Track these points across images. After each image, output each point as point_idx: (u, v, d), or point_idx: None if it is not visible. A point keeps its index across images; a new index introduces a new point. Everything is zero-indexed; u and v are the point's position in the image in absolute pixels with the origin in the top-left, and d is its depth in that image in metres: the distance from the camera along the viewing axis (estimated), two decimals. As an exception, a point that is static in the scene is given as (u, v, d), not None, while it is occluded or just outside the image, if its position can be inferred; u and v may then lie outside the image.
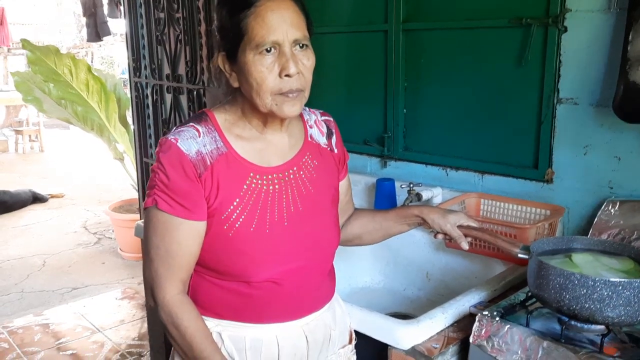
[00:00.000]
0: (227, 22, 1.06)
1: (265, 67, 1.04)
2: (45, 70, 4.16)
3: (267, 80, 1.05)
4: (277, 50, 1.04)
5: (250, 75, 1.05)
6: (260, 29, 1.02)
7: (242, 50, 1.05)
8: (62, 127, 10.23)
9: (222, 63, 1.10)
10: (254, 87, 1.06)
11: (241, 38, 1.04)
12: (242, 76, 1.07)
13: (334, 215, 1.25)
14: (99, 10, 5.78)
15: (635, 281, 1.09)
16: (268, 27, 1.02)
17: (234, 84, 1.10)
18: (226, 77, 1.12)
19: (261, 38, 1.03)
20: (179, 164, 1.06)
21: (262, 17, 1.03)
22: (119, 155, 4.65)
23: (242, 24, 1.03)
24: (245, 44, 1.04)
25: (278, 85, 1.05)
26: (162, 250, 1.09)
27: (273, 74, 1.05)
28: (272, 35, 1.03)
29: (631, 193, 1.61)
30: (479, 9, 1.87)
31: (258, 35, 1.03)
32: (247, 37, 1.04)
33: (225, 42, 1.08)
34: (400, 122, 2.16)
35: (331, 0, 2.34)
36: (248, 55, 1.04)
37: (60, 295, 3.87)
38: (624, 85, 1.48)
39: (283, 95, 1.06)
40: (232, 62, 1.08)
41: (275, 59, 1.04)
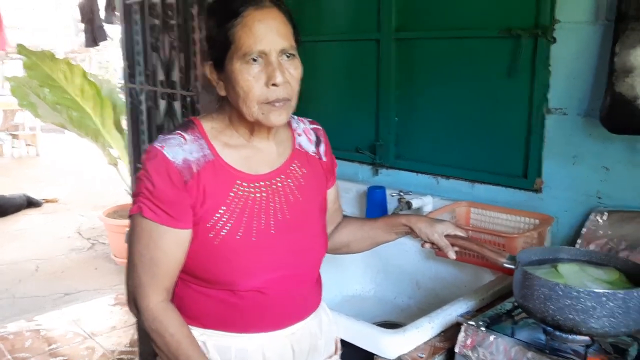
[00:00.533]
0: (215, 31, 1.07)
1: (252, 76, 1.05)
2: (40, 75, 4.15)
3: (253, 89, 1.05)
4: (263, 59, 1.05)
5: (237, 84, 1.06)
6: (247, 39, 1.03)
7: (229, 59, 1.06)
8: (58, 132, 10.20)
9: (210, 72, 1.11)
10: (240, 96, 1.07)
11: (228, 47, 1.05)
12: (229, 85, 1.08)
13: (321, 224, 1.25)
14: (96, 16, 5.80)
15: (619, 292, 1.10)
16: (255, 36, 1.03)
17: (222, 93, 1.11)
18: (214, 85, 1.12)
19: (248, 47, 1.04)
20: (164, 171, 1.06)
21: (249, 26, 1.03)
22: (113, 161, 4.64)
23: (229, 33, 1.04)
24: (232, 53, 1.05)
25: (265, 94, 1.06)
26: (146, 258, 1.09)
27: (260, 83, 1.05)
28: (258, 45, 1.04)
29: (619, 203, 1.61)
30: (470, 20, 1.88)
31: (245, 44, 1.04)
32: (234, 46, 1.04)
33: (213, 51, 1.09)
34: (392, 131, 2.17)
35: (325, 9, 2.35)
36: (235, 64, 1.05)
37: (52, 300, 3.85)
38: (610, 96, 1.49)
39: (269, 104, 1.07)
40: (220, 71, 1.09)
41: (262, 68, 1.05)
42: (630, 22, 1.45)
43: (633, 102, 1.46)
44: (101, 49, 10.56)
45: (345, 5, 2.28)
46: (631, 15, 1.45)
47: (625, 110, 1.47)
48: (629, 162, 1.58)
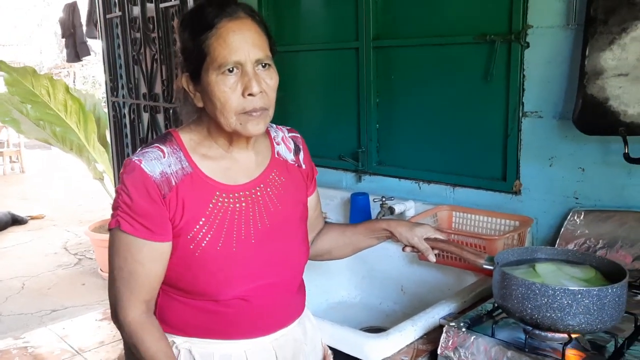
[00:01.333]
0: (190, 43, 1.08)
1: (229, 87, 1.06)
2: (22, 91, 4.14)
3: (230, 100, 1.06)
4: (239, 70, 1.06)
5: (213, 96, 1.07)
6: (222, 50, 1.04)
7: (205, 70, 1.07)
8: (43, 148, 10.14)
9: (187, 84, 1.12)
10: (217, 107, 1.08)
11: (204, 59, 1.06)
12: (205, 96, 1.09)
13: (302, 231, 1.26)
14: (77, 31, 5.79)
15: (593, 289, 1.12)
16: (230, 47, 1.05)
17: (199, 104, 1.12)
18: (191, 97, 1.13)
19: (223, 58, 1.05)
20: (142, 185, 1.06)
21: (223, 38, 1.05)
22: (98, 175, 4.62)
23: (204, 45, 1.05)
24: (208, 65, 1.06)
25: (242, 104, 1.07)
26: (124, 271, 1.09)
27: (236, 94, 1.06)
28: (234, 56, 1.05)
29: (595, 203, 1.65)
30: (446, 27, 1.92)
31: (220, 55, 1.05)
32: (210, 57, 1.05)
33: (189, 63, 1.09)
34: (374, 137, 2.20)
35: (304, 19, 2.38)
36: (211, 76, 1.06)
37: (39, 317, 3.82)
38: (582, 99, 1.53)
39: (247, 114, 1.08)
40: (196, 82, 1.10)
41: (238, 79, 1.06)
42: (598, 26, 1.49)
43: (604, 103, 1.50)
44: (85, 63, 10.54)
45: (324, 15, 2.31)
46: (599, 19, 1.49)
47: (597, 112, 1.50)
48: (603, 163, 1.61)
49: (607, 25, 1.48)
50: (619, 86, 1.48)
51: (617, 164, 1.57)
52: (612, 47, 1.48)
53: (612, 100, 1.49)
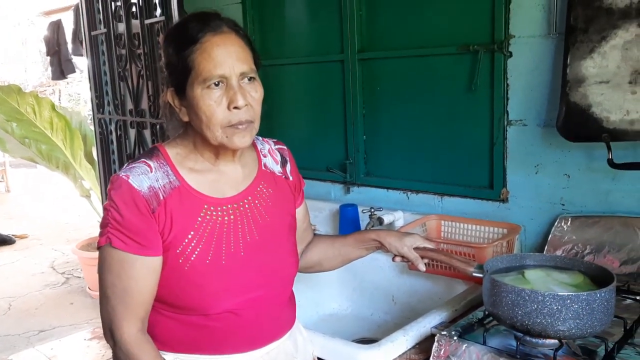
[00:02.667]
0: (174, 58, 1.08)
1: (214, 100, 1.06)
2: (7, 109, 4.11)
3: (216, 114, 1.07)
4: (224, 83, 1.07)
5: (199, 109, 1.07)
6: (207, 64, 1.05)
7: (190, 85, 1.07)
8: (29, 167, 10.04)
9: (172, 98, 1.12)
10: (203, 121, 1.08)
11: (188, 73, 1.07)
12: (191, 110, 1.09)
13: (291, 243, 1.26)
14: (62, 48, 5.78)
15: (582, 294, 1.13)
16: (214, 61, 1.05)
17: (184, 118, 1.12)
18: (176, 111, 1.13)
19: (208, 72, 1.05)
20: (131, 200, 1.06)
21: (208, 52, 1.05)
22: (85, 193, 4.59)
23: (188, 59, 1.06)
24: (193, 79, 1.07)
25: (227, 117, 1.08)
26: (119, 288, 1.08)
27: (222, 107, 1.07)
28: (218, 70, 1.05)
29: (581, 209, 1.66)
30: (430, 38, 1.94)
31: (205, 69, 1.05)
32: (195, 72, 1.06)
33: (173, 78, 1.10)
34: (361, 149, 2.21)
35: (289, 33, 2.39)
36: (196, 90, 1.07)
37: (26, 338, 3.76)
38: (565, 106, 1.55)
39: (233, 127, 1.09)
40: (181, 97, 1.10)
41: (223, 93, 1.07)
42: (579, 35, 1.52)
43: (587, 110, 1.52)
44: (70, 81, 10.50)
45: (309, 29, 2.33)
46: (580, 28, 1.52)
47: (580, 119, 1.53)
48: (588, 169, 1.63)
49: (587, 34, 1.51)
50: (601, 93, 1.50)
51: (601, 170, 1.59)
52: (592, 55, 1.51)
53: (595, 107, 1.51)
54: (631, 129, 1.47)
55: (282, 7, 2.41)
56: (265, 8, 2.47)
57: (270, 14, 2.45)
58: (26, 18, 11.23)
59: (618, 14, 1.46)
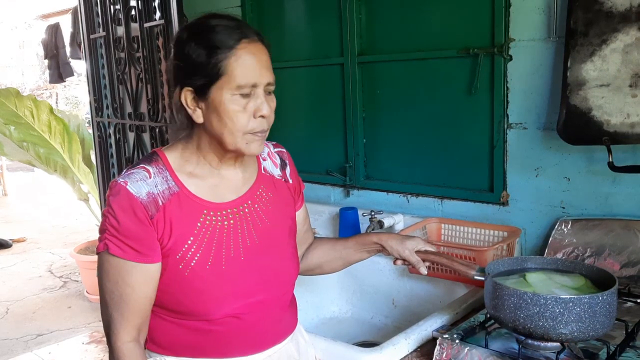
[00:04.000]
0: (204, 60, 1.05)
1: (242, 106, 1.07)
2: (5, 113, 4.10)
3: (241, 120, 1.07)
4: (252, 91, 1.07)
5: (225, 114, 1.07)
6: (242, 71, 1.05)
7: (218, 88, 1.06)
8: (26, 170, 10.02)
9: (186, 98, 1.09)
10: (227, 125, 1.07)
11: (218, 77, 1.05)
12: (212, 113, 1.08)
13: (292, 246, 1.26)
14: (61, 52, 5.77)
15: (584, 297, 1.13)
16: (249, 70, 1.06)
17: (198, 120, 1.10)
18: (186, 112, 1.11)
19: (243, 80, 1.05)
20: (129, 207, 1.05)
21: (243, 59, 1.05)
22: (83, 196, 4.57)
23: (220, 64, 1.04)
24: (223, 84, 1.05)
25: (250, 124, 1.08)
26: (116, 295, 1.08)
27: (247, 114, 1.08)
28: (252, 78, 1.06)
29: (582, 212, 1.66)
30: (430, 41, 1.94)
31: (239, 76, 1.05)
32: (227, 77, 1.05)
33: (197, 79, 1.07)
34: (361, 152, 2.21)
35: (289, 36, 2.40)
36: (225, 95, 1.06)
37: (24, 342, 3.74)
38: (566, 109, 1.55)
39: (253, 134, 1.10)
40: (202, 98, 1.08)
41: (250, 100, 1.07)
42: (579, 38, 1.52)
43: (587, 113, 1.52)
44: (68, 84, 10.49)
45: (309, 32, 2.33)
46: (580, 31, 1.53)
47: (580, 122, 1.53)
48: (588, 172, 1.63)
49: (587, 37, 1.51)
50: (601, 96, 1.50)
51: (601, 173, 1.60)
52: (592, 58, 1.51)
53: (595, 111, 1.51)
54: (631, 132, 1.48)
55: (282, 11, 2.42)
56: (265, 11, 2.47)
57: (270, 17, 2.45)
58: (24, 21, 11.23)
59: (618, 18, 1.46)
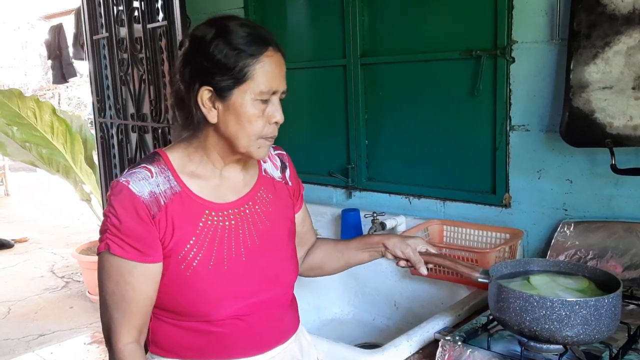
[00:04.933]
0: (231, 62, 1.06)
1: (260, 111, 1.09)
2: (8, 113, 4.11)
3: (258, 124, 1.09)
4: (270, 98, 1.10)
5: (245, 117, 1.08)
6: (266, 79, 1.07)
7: (240, 91, 1.07)
8: (28, 170, 10.04)
9: (202, 97, 1.08)
10: (245, 129, 1.09)
11: (244, 81, 1.06)
12: (231, 115, 1.08)
13: (291, 248, 1.26)
14: (64, 52, 5.78)
15: (590, 300, 1.13)
16: (273, 77, 1.08)
17: (212, 120, 1.09)
18: (197, 111, 1.09)
19: (266, 86, 1.07)
20: (131, 206, 1.05)
21: (269, 67, 1.08)
22: (85, 197, 4.58)
23: (247, 68, 1.06)
24: (246, 87, 1.07)
25: (264, 130, 1.11)
26: (117, 295, 1.08)
27: (263, 120, 1.10)
28: (274, 86, 1.09)
29: (584, 214, 1.66)
30: (432, 43, 1.94)
31: (263, 83, 1.07)
32: (251, 82, 1.06)
33: (221, 79, 1.07)
34: (363, 154, 2.21)
35: (292, 37, 2.40)
36: (246, 98, 1.07)
37: (26, 343, 3.74)
38: (569, 112, 1.55)
39: (265, 139, 1.12)
40: (220, 99, 1.08)
41: (267, 106, 1.10)
42: (582, 41, 1.52)
43: (590, 116, 1.52)
44: (70, 85, 10.50)
45: (312, 34, 2.34)
46: (583, 33, 1.53)
47: (583, 124, 1.53)
48: (590, 174, 1.63)
49: (591, 39, 1.51)
50: (604, 99, 1.50)
51: (604, 175, 1.60)
52: (596, 60, 1.51)
53: (598, 113, 1.51)
54: (634, 135, 1.47)
55: (284, 12, 2.42)
56: (267, 13, 2.48)
57: (273, 18, 2.46)
58: (26, 22, 11.25)
59: (621, 20, 1.46)
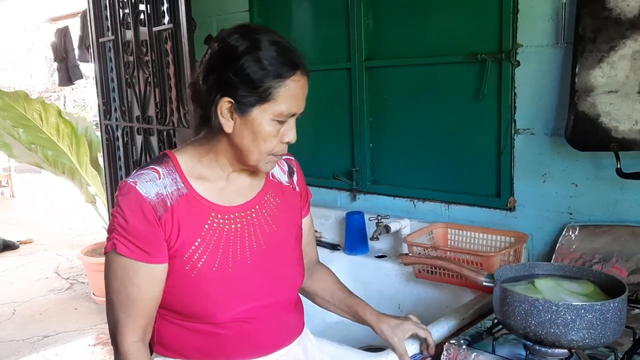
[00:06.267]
0: (258, 80, 1.05)
1: (276, 131, 1.10)
2: (14, 115, 4.13)
3: (271, 142, 1.10)
4: (287, 119, 1.10)
5: (260, 135, 1.09)
6: (289, 102, 1.07)
7: (261, 110, 1.07)
8: (33, 172, 10.07)
9: (222, 107, 1.08)
10: (258, 145, 1.09)
11: (266, 101, 1.06)
12: (247, 130, 1.08)
13: (298, 252, 1.27)
14: (70, 55, 5.80)
15: (596, 304, 1.13)
16: (295, 101, 1.08)
17: (227, 130, 1.09)
18: (217, 120, 1.08)
19: (287, 110, 1.08)
20: (138, 207, 1.06)
21: (293, 91, 1.07)
22: (90, 198, 4.60)
23: (272, 90, 1.06)
24: (268, 107, 1.07)
25: (276, 147, 1.12)
26: (122, 295, 1.09)
27: (277, 138, 1.11)
28: (294, 109, 1.10)
29: (589, 218, 1.66)
30: (437, 46, 1.95)
31: (285, 106, 1.07)
32: (274, 102, 1.06)
33: (244, 94, 1.06)
34: (367, 156, 2.21)
35: (296, 40, 2.37)
36: (265, 117, 1.07)
37: (30, 344, 3.75)
38: (574, 116, 1.55)
39: (275, 156, 1.13)
40: (240, 112, 1.08)
41: (282, 126, 1.10)
42: (587, 45, 1.53)
43: (595, 120, 1.52)
44: (76, 87, 10.54)
45: (316, 36, 2.34)
46: (588, 37, 1.53)
47: (588, 128, 1.53)
48: (596, 178, 1.63)
49: (596, 43, 1.51)
50: (610, 103, 1.50)
51: (609, 179, 1.59)
52: (601, 64, 1.51)
53: (603, 117, 1.51)
54: (640, 139, 1.47)
55: (289, 15, 2.43)
56: (272, 16, 2.49)
57: (277, 21, 2.46)
58: (32, 24, 11.30)
59: (627, 25, 1.46)
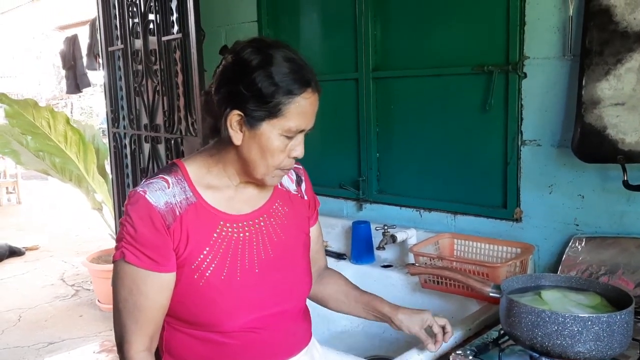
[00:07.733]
0: (268, 95, 1.05)
1: (284, 146, 1.10)
2: (23, 123, 4.17)
3: (278, 157, 1.10)
4: (295, 135, 1.10)
5: (267, 150, 1.09)
6: (298, 119, 1.07)
7: (270, 125, 1.07)
8: (40, 178, 10.13)
9: (232, 119, 1.08)
10: (265, 159, 1.10)
11: (276, 116, 1.07)
12: (255, 144, 1.09)
13: (306, 261, 1.27)
14: (78, 63, 5.86)
15: (603, 316, 1.13)
16: (304, 118, 1.08)
17: (236, 142, 1.10)
18: (226, 131, 1.09)
19: (295, 127, 1.08)
20: (147, 216, 1.07)
21: (303, 109, 1.07)
22: (97, 206, 4.62)
23: (282, 106, 1.06)
24: (277, 123, 1.07)
25: (283, 162, 1.12)
26: (130, 303, 1.09)
27: (284, 153, 1.11)
28: (303, 126, 1.09)
29: (596, 230, 1.66)
30: (444, 58, 1.96)
31: (294, 122, 1.07)
32: (283, 118, 1.06)
33: (254, 109, 1.07)
34: (374, 166, 2.22)
35: (304, 51, 2.39)
36: (273, 131, 1.08)
37: (35, 350, 3.76)
38: (581, 127, 1.56)
39: (281, 170, 1.13)
40: (249, 126, 1.08)
41: (290, 141, 1.10)
42: (594, 57, 1.53)
43: (602, 132, 1.53)
44: (83, 94, 10.63)
45: (324, 47, 2.36)
46: (595, 50, 1.54)
47: (595, 140, 1.54)
48: (602, 190, 1.63)
49: (603, 56, 1.52)
50: (616, 115, 1.51)
51: (616, 191, 1.60)
52: (608, 77, 1.52)
53: (610, 129, 1.52)
54: (647, 151, 1.48)
55: (297, 26, 2.45)
56: (281, 26, 2.51)
57: (286, 32, 2.49)
58: (41, 32, 11.41)
59: (634, 38, 1.47)
